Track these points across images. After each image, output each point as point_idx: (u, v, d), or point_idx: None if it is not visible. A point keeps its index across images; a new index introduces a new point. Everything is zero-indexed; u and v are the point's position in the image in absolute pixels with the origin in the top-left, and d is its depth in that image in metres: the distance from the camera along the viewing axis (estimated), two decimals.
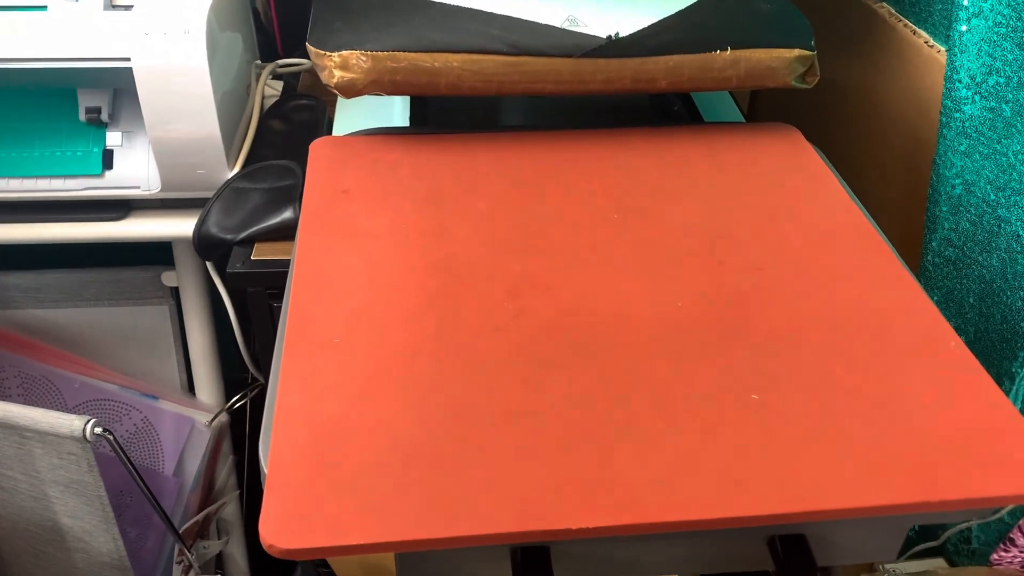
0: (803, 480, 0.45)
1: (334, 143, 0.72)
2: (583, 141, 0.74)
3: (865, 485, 0.45)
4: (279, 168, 0.88)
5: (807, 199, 0.67)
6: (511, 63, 0.68)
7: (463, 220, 0.63)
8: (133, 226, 0.92)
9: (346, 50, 0.68)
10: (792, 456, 0.46)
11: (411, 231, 0.62)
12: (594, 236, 0.62)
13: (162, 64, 0.82)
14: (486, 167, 0.70)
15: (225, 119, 0.87)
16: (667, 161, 0.71)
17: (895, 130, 0.92)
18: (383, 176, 0.68)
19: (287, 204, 0.84)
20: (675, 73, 0.70)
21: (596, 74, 0.69)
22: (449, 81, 0.69)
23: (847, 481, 0.45)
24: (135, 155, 0.89)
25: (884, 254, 0.61)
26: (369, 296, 0.56)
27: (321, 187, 0.67)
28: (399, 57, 0.67)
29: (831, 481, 0.45)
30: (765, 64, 0.70)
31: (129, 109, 0.89)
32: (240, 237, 0.83)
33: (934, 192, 0.83)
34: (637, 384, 0.50)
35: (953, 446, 0.47)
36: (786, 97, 1.13)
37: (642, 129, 0.76)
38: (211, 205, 0.85)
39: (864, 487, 0.44)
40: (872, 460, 0.46)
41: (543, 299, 0.56)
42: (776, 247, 0.62)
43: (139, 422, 1.03)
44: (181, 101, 0.84)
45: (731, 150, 0.73)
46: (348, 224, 0.63)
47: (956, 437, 0.47)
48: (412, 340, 0.53)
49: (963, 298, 0.81)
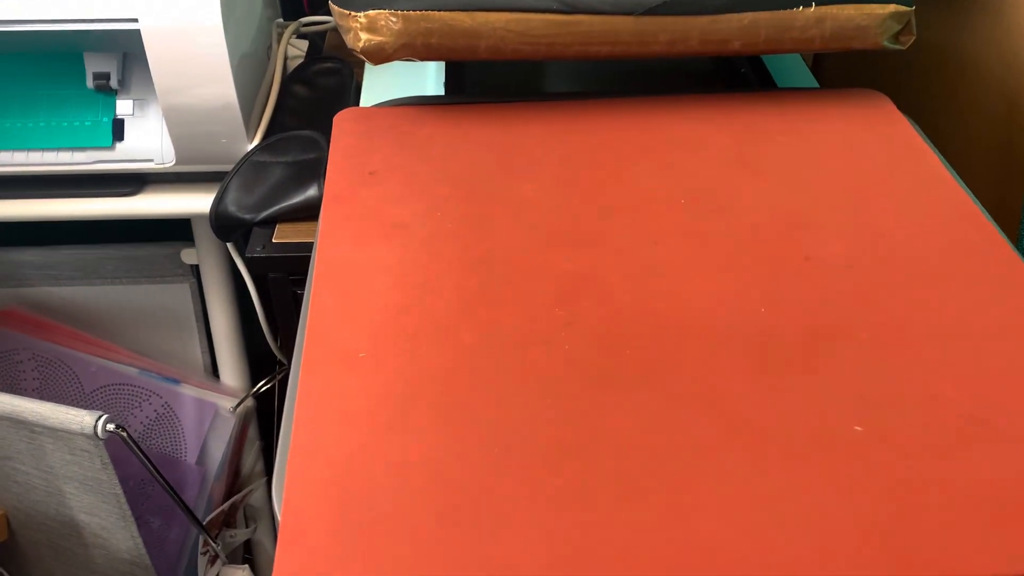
0: (918, 539, 0.37)
1: (360, 116, 0.64)
2: (640, 111, 0.65)
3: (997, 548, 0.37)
4: (303, 139, 0.81)
5: (902, 180, 0.58)
6: (562, 22, 0.59)
7: (505, 207, 0.55)
8: (147, 202, 0.85)
9: (374, 9, 0.59)
10: (902, 507, 0.38)
11: (446, 221, 0.54)
12: (656, 226, 0.54)
13: (173, 25, 0.74)
14: (531, 143, 0.61)
15: (243, 85, 0.80)
16: (738, 134, 0.62)
17: (988, 93, 0.81)
18: (414, 155, 0.60)
19: (311, 180, 0.77)
20: (750, 33, 0.61)
21: (659, 34, 0.60)
22: (491, 44, 0.60)
23: (973, 542, 0.37)
24: (147, 125, 0.82)
25: (997, 246, 0.52)
26: (399, 300, 0.48)
27: (345, 168, 0.59)
28: (433, 17, 0.59)
29: (952, 541, 0.37)
30: (855, 22, 0.61)
31: (140, 75, 0.82)
32: (260, 217, 0.76)
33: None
34: (713, 411, 0.42)
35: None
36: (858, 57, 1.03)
37: (707, 96, 0.67)
38: (229, 181, 0.78)
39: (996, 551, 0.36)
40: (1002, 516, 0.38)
41: (598, 304, 0.48)
42: (871, 239, 0.53)
43: (160, 408, 0.97)
44: (194, 66, 0.76)
45: (811, 120, 0.64)
46: (375, 212, 0.55)
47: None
48: (448, 355, 0.45)
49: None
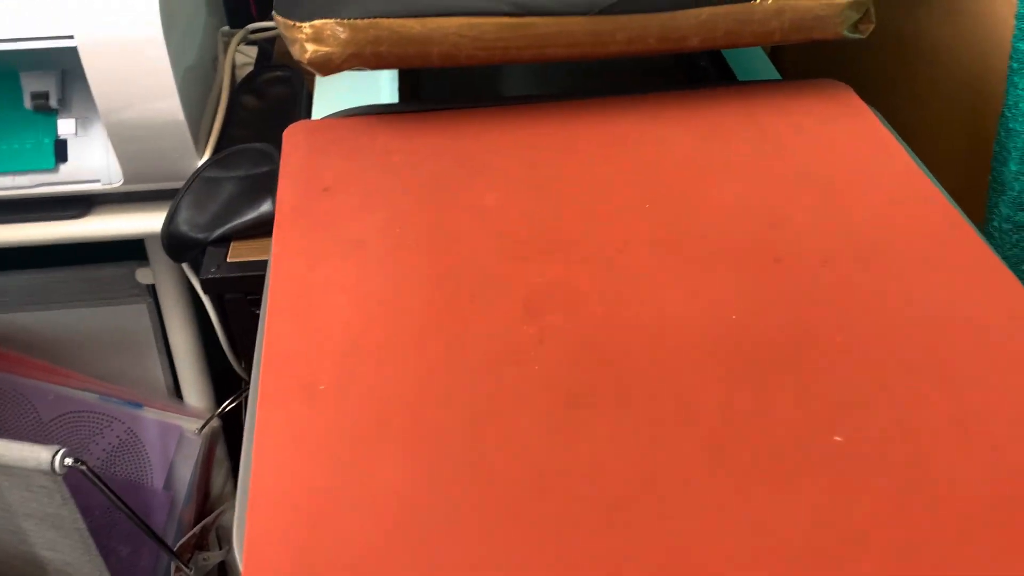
0: (904, 552, 0.36)
1: (311, 129, 0.62)
2: (601, 111, 0.63)
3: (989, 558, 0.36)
4: (254, 152, 0.78)
5: (869, 172, 0.57)
6: (516, 25, 0.58)
7: (469, 217, 0.54)
8: (96, 224, 0.82)
9: (319, 19, 0.57)
10: (888, 520, 0.37)
11: (406, 235, 0.52)
12: (624, 231, 0.53)
13: (111, 40, 0.71)
14: (491, 150, 0.60)
15: (190, 99, 0.77)
16: (702, 131, 0.61)
17: (948, 77, 0.81)
18: (371, 166, 0.58)
19: (265, 195, 0.74)
20: (708, 28, 0.59)
21: (616, 33, 0.59)
22: (443, 50, 0.58)
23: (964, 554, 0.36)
24: (92, 144, 0.79)
25: (969, 239, 0.52)
26: (361, 323, 0.46)
27: (297, 185, 0.57)
28: (382, 24, 0.57)
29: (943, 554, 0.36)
30: (814, 13, 0.60)
31: (81, 92, 0.79)
32: (214, 236, 0.73)
33: (1002, 149, 0.72)
34: (691, 427, 0.41)
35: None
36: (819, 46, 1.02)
37: (668, 93, 0.65)
38: (179, 200, 0.75)
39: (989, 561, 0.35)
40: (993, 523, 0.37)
41: (568, 316, 0.47)
42: (841, 236, 0.52)
43: (122, 434, 0.94)
44: (137, 81, 0.73)
45: (775, 114, 0.63)
46: (331, 229, 0.53)
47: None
48: (414, 382, 0.43)
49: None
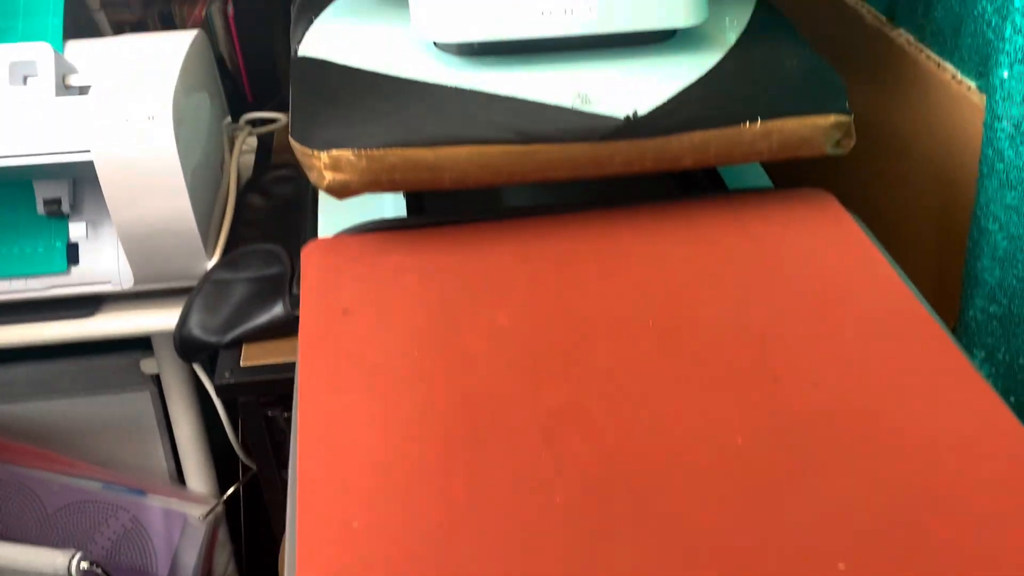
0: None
1: (325, 248, 0.65)
2: (598, 224, 0.67)
3: None
4: (263, 253, 0.81)
5: (855, 285, 0.61)
6: (522, 152, 0.61)
7: (482, 339, 0.56)
8: (105, 322, 0.84)
9: (336, 148, 0.60)
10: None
11: (424, 359, 0.55)
12: (630, 350, 0.56)
13: (125, 154, 0.74)
14: (498, 267, 0.63)
15: (199, 202, 0.80)
16: (696, 245, 0.65)
17: (922, 172, 0.86)
18: (386, 287, 0.61)
19: (276, 297, 0.77)
20: (701, 150, 0.63)
21: (615, 157, 0.63)
22: (454, 176, 0.61)
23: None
24: (102, 247, 0.82)
25: (954, 357, 0.55)
26: (388, 458, 0.49)
27: (318, 307, 0.59)
28: (397, 154, 0.60)
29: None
30: (799, 134, 0.64)
31: (92, 196, 0.82)
32: (226, 340, 0.75)
33: (975, 245, 0.77)
34: (708, 558, 0.44)
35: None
36: None
37: (662, 204, 0.69)
38: (191, 303, 0.78)
39: None
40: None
41: (583, 443, 0.50)
42: (834, 353, 0.55)
43: (127, 522, 0.95)
44: (149, 191, 0.76)
45: (763, 224, 0.66)
46: (353, 354, 0.56)
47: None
48: (440, 515, 0.46)
49: (1012, 359, 0.76)
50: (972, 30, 0.78)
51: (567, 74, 0.64)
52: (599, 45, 0.66)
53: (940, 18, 0.82)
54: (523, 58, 0.65)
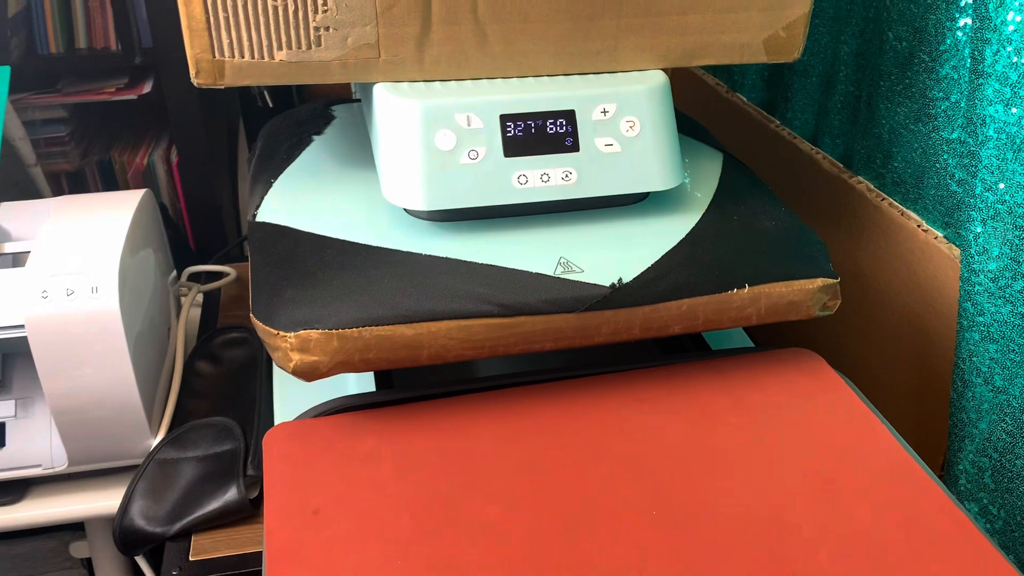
0: None
1: (290, 433, 0.59)
2: (583, 393, 0.63)
3: None
4: (215, 428, 0.74)
5: (857, 456, 0.58)
6: (504, 325, 0.57)
7: (473, 539, 0.51)
8: (33, 509, 0.76)
9: (304, 329, 0.55)
10: None
11: (411, 565, 0.49)
12: (634, 546, 0.51)
13: (64, 325, 0.68)
14: (481, 449, 0.58)
15: (143, 370, 0.73)
16: (688, 415, 0.61)
17: (900, 321, 0.85)
18: (359, 480, 0.55)
19: (228, 479, 0.70)
20: (689, 317, 0.60)
21: (601, 327, 0.59)
22: (432, 352, 0.57)
23: None
24: (33, 427, 0.74)
25: (965, 529, 0.52)
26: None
27: (285, 507, 0.53)
28: (372, 332, 0.56)
29: None
30: (787, 299, 0.62)
31: (22, 372, 0.75)
32: (174, 531, 0.68)
33: (959, 397, 0.75)
34: None
35: None
36: None
37: (647, 370, 0.65)
38: (133, 488, 0.70)
39: None
40: None
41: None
42: (851, 541, 0.51)
43: None
44: (88, 360, 0.70)
45: (756, 391, 0.63)
46: (327, 564, 0.49)
47: None
48: None
49: (1008, 514, 0.73)
50: (936, 182, 0.78)
51: (546, 239, 0.62)
52: (576, 208, 0.64)
53: (900, 168, 0.83)
54: (499, 223, 0.63)
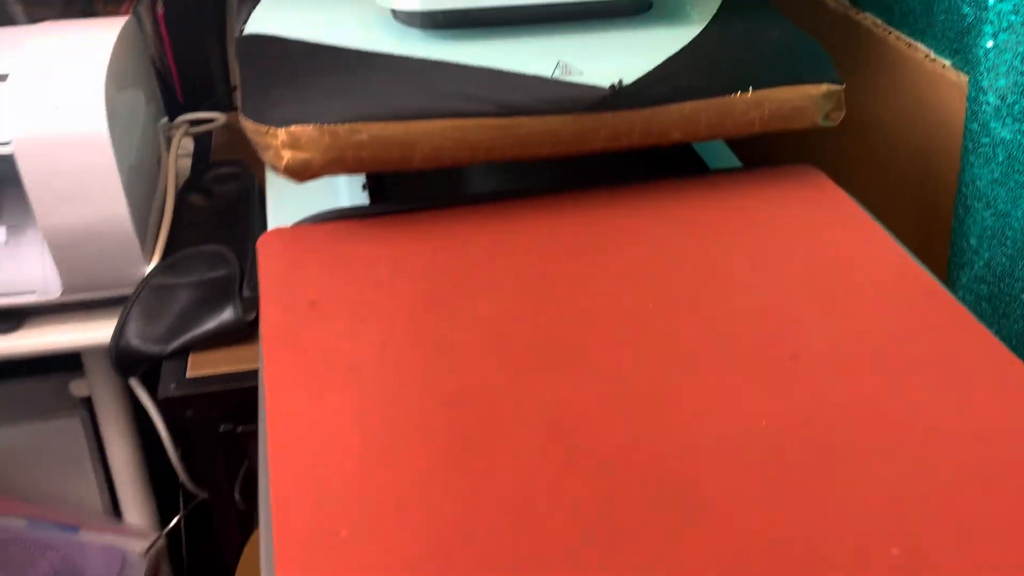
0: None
1: (286, 237, 0.58)
2: (577, 206, 0.62)
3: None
4: (208, 255, 0.74)
5: (860, 259, 0.57)
6: (501, 126, 0.56)
7: (468, 332, 0.51)
8: (29, 338, 0.76)
9: (296, 124, 0.54)
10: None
11: (405, 355, 0.49)
12: (630, 336, 0.51)
13: (52, 144, 0.67)
14: (476, 254, 0.57)
15: (135, 199, 0.72)
16: (686, 224, 0.60)
17: (903, 155, 0.83)
18: (356, 278, 0.55)
19: (224, 302, 0.70)
20: (691, 122, 0.59)
21: (599, 131, 0.58)
22: (427, 153, 0.56)
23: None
24: (25, 254, 0.73)
25: (972, 328, 0.52)
26: (374, 459, 0.43)
27: (281, 300, 0.53)
28: (364, 128, 0.54)
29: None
30: (791, 104, 0.60)
31: (11, 199, 0.73)
32: (170, 349, 0.68)
33: (960, 224, 0.74)
34: (744, 550, 0.39)
35: None
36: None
37: (645, 185, 0.64)
38: (128, 311, 0.70)
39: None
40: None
41: (593, 438, 0.44)
42: (850, 329, 0.51)
43: (58, 563, 0.86)
44: (79, 186, 0.69)
45: (756, 203, 0.63)
46: (324, 352, 0.49)
47: None
48: (443, 528, 0.40)
49: (1004, 339, 0.73)
50: (946, 7, 0.76)
51: (545, 45, 0.60)
52: (574, 16, 0.62)
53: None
54: (493, 31, 0.61)
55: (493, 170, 0.77)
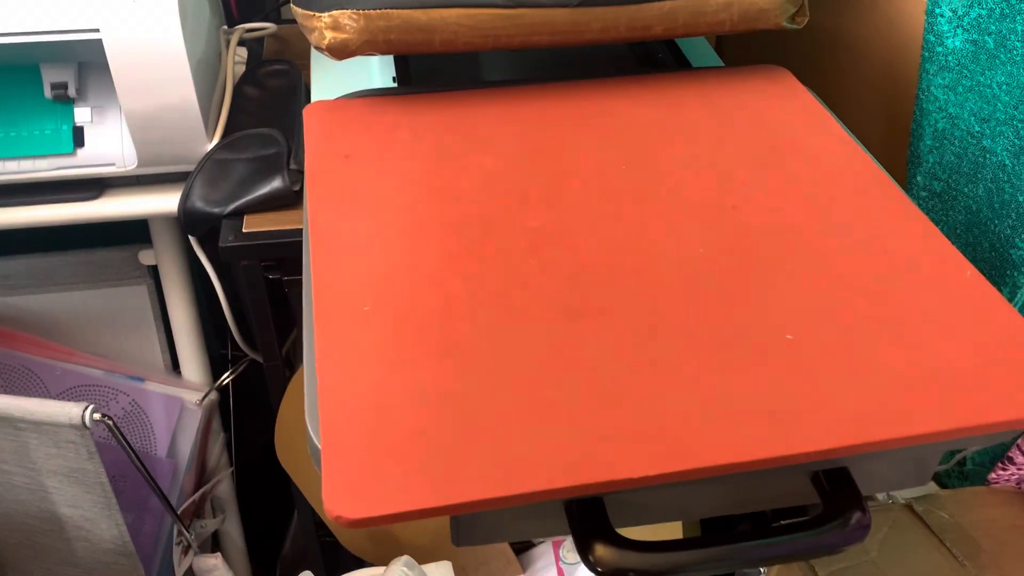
0: (846, 415, 0.46)
1: (327, 107, 0.70)
2: (575, 92, 0.73)
3: (907, 415, 0.46)
4: (261, 136, 0.86)
5: (807, 139, 0.68)
6: (508, 15, 0.67)
7: (472, 179, 0.63)
8: (109, 205, 0.89)
9: (336, 9, 0.66)
10: (832, 392, 0.47)
11: (421, 193, 0.61)
12: (605, 188, 0.62)
13: (135, 34, 0.79)
14: (485, 124, 0.69)
15: (200, 88, 0.85)
16: (664, 107, 0.71)
17: (870, 66, 0.93)
18: (383, 139, 0.67)
19: (274, 173, 0.82)
20: (669, 19, 0.69)
21: (592, 23, 0.69)
22: (444, 37, 0.67)
23: (889, 413, 0.46)
24: (107, 131, 0.86)
25: (891, 191, 0.62)
26: (391, 262, 0.55)
27: (321, 153, 0.65)
28: (392, 15, 0.66)
29: (874, 414, 0.46)
30: (757, 6, 0.70)
31: (96, 83, 0.86)
32: (229, 210, 0.81)
33: (917, 127, 0.84)
34: (672, 330, 0.51)
35: (983, 370, 0.48)
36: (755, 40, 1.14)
37: (633, 77, 0.75)
38: (194, 179, 0.83)
39: (906, 417, 0.46)
40: (909, 391, 0.47)
41: (564, 253, 0.56)
42: (785, 189, 0.62)
43: (127, 405, 1.00)
44: (156, 72, 0.81)
45: (725, 94, 0.73)
46: (356, 189, 0.61)
47: (984, 362, 0.49)
48: (442, 302, 0.52)
49: (950, 230, 0.83)
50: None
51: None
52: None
53: None
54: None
55: (504, 68, 0.88)
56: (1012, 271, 0.77)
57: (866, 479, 0.49)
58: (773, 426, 0.45)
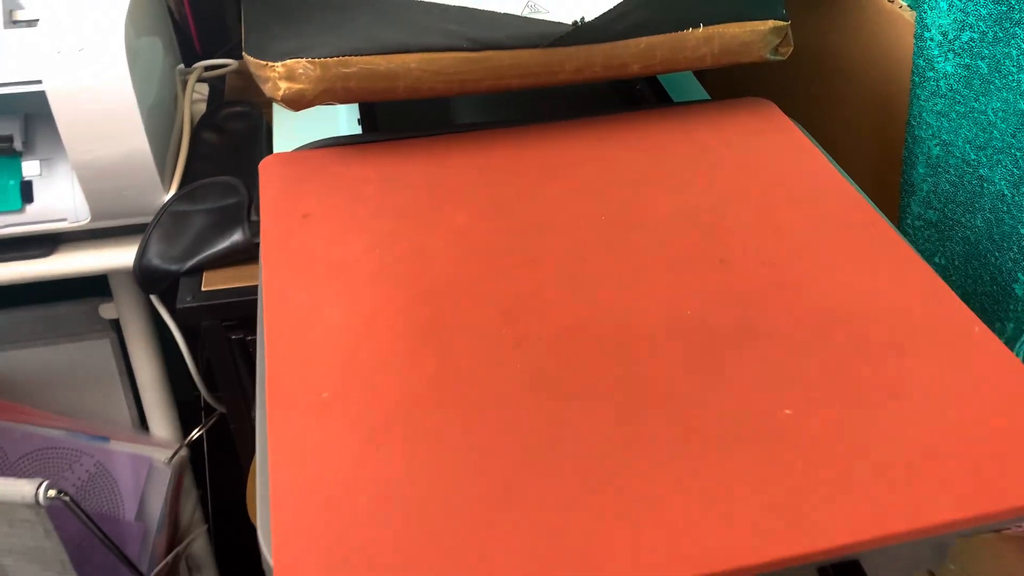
0: (859, 506, 0.42)
1: (285, 160, 0.66)
2: (550, 134, 0.69)
3: (925, 504, 0.42)
4: (220, 185, 0.81)
5: (797, 180, 0.64)
6: (473, 59, 0.63)
7: (442, 238, 0.58)
8: (63, 261, 0.84)
9: (291, 58, 0.61)
10: (840, 480, 0.43)
11: (387, 256, 0.57)
12: (583, 242, 0.58)
13: (79, 84, 0.74)
14: (455, 174, 0.64)
15: (154, 136, 0.80)
16: (644, 149, 0.67)
17: (859, 91, 0.89)
18: (346, 194, 0.62)
19: (234, 225, 0.77)
20: (647, 56, 0.65)
21: (565, 63, 0.64)
22: (408, 84, 0.63)
23: (905, 501, 0.42)
24: (57, 184, 0.81)
25: (888, 236, 0.58)
26: (354, 338, 0.51)
27: (278, 213, 0.60)
28: (351, 62, 0.61)
29: (888, 503, 0.42)
30: (739, 39, 0.66)
31: (44, 134, 0.81)
32: (187, 267, 0.76)
33: (910, 154, 0.80)
34: (656, 411, 0.46)
35: (1003, 446, 0.44)
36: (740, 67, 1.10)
37: (610, 116, 0.71)
38: (150, 234, 0.78)
39: (925, 506, 0.41)
40: (925, 475, 0.43)
41: (541, 322, 0.52)
42: (776, 238, 0.58)
43: (92, 468, 0.95)
44: (104, 121, 0.76)
45: (708, 131, 0.69)
46: (315, 254, 0.57)
47: (1004, 436, 0.45)
48: (409, 387, 0.48)
49: (948, 261, 0.79)
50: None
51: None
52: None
53: None
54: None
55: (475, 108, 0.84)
56: (1015, 306, 0.73)
57: (879, 567, 0.45)
58: (782, 522, 0.41)
